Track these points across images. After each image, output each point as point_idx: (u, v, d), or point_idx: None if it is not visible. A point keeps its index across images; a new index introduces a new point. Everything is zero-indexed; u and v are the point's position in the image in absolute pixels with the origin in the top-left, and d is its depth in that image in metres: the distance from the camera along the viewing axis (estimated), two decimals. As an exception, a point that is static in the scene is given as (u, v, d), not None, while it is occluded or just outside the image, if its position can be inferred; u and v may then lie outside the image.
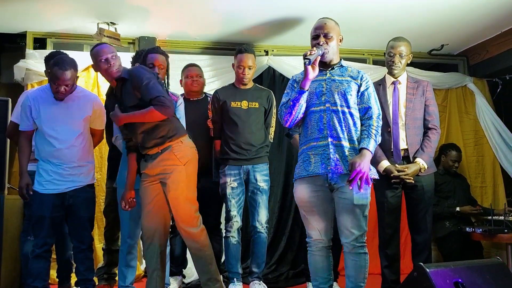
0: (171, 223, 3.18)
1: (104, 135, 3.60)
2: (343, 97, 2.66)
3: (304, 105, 2.69)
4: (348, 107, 2.66)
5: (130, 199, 3.07)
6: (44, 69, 3.68)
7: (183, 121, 3.36)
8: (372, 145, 2.61)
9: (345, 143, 2.63)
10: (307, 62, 2.56)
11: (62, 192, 3.13)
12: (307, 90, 2.66)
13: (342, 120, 2.64)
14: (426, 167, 3.28)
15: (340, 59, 2.81)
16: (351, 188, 2.54)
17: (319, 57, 2.64)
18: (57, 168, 3.13)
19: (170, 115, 2.91)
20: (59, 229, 3.32)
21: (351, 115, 2.66)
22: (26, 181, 3.11)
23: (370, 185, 2.61)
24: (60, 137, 3.13)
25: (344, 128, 2.64)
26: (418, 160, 3.28)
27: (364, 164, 2.53)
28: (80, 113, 3.23)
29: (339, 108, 2.65)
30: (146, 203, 2.99)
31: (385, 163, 3.27)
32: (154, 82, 2.87)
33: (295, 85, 2.75)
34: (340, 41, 2.79)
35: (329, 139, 2.62)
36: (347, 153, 2.61)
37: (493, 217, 4.04)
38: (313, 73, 2.61)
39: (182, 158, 2.92)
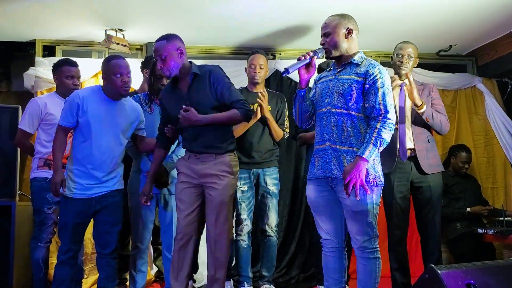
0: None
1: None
2: (342, 98, 2.57)
3: (307, 104, 2.70)
4: (347, 108, 2.56)
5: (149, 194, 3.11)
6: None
7: None
8: (368, 151, 2.45)
9: (341, 147, 2.56)
10: (284, 74, 2.59)
11: (89, 197, 3.04)
12: (305, 88, 2.67)
13: (339, 122, 2.57)
14: (424, 107, 3.25)
15: (357, 52, 2.66)
16: (347, 195, 2.49)
17: (314, 60, 2.62)
18: (91, 173, 3.03)
19: (248, 120, 3.05)
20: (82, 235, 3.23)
21: (351, 116, 2.56)
22: (61, 177, 2.97)
23: (369, 192, 2.49)
24: (102, 144, 3.04)
25: (341, 131, 2.56)
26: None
27: (356, 173, 2.42)
28: (126, 121, 3.14)
29: (338, 110, 2.58)
30: (185, 206, 2.97)
31: None
32: (232, 85, 2.96)
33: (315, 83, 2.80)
34: (349, 33, 2.63)
35: (327, 143, 2.60)
36: (343, 157, 2.54)
37: (505, 218, 4.00)
38: (306, 74, 2.63)
39: (235, 170, 2.97)
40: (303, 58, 2.60)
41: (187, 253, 2.99)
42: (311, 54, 2.62)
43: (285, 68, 2.56)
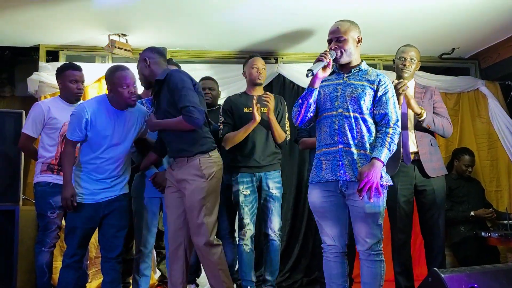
0: None
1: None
2: (356, 102, 2.61)
3: (314, 104, 2.67)
4: (361, 113, 2.61)
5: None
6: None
7: None
8: (384, 154, 2.53)
9: (355, 150, 2.58)
10: (309, 74, 2.55)
11: (97, 202, 3.05)
12: (316, 88, 2.65)
13: (354, 126, 2.60)
14: (424, 115, 3.25)
15: (362, 61, 2.75)
16: (361, 198, 2.51)
17: (331, 61, 2.60)
18: (99, 181, 3.06)
19: (198, 127, 2.89)
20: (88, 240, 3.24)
21: (364, 121, 2.61)
22: (71, 191, 2.98)
23: (382, 195, 2.56)
24: (111, 155, 3.06)
25: (355, 135, 2.59)
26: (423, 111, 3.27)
27: (373, 175, 2.48)
28: (134, 128, 3.16)
29: (351, 114, 2.61)
30: (171, 211, 3.02)
31: None
32: (187, 89, 2.88)
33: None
34: (359, 42, 2.71)
35: (340, 146, 2.60)
36: (356, 160, 2.57)
37: (509, 221, 3.99)
38: (323, 73, 2.61)
39: (207, 172, 2.93)
40: (323, 58, 2.58)
41: (178, 258, 3.00)
42: (331, 54, 2.62)
43: (309, 70, 2.54)
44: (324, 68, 2.59)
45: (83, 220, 3.03)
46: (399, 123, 2.64)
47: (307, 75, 2.56)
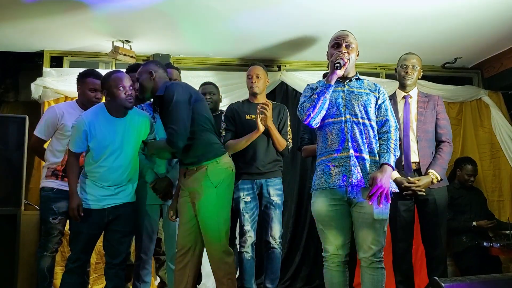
0: None
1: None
2: (364, 109, 2.66)
3: (328, 102, 2.66)
4: (369, 119, 2.66)
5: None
6: (60, 87, 3.71)
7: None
8: (392, 159, 2.60)
9: (366, 156, 2.61)
10: (338, 67, 2.60)
11: (102, 208, 3.04)
12: (333, 85, 2.65)
13: (363, 132, 2.63)
14: (439, 178, 3.26)
15: (356, 73, 2.82)
16: (370, 203, 2.52)
17: (347, 62, 2.65)
18: (104, 187, 3.06)
19: (177, 148, 2.85)
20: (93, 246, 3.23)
21: (372, 127, 2.66)
22: (77, 202, 2.97)
23: (389, 201, 2.58)
24: (115, 164, 3.05)
25: (365, 141, 2.63)
26: (430, 171, 3.26)
27: (385, 180, 2.52)
28: (137, 135, 3.14)
29: (360, 120, 2.64)
30: (181, 215, 3.03)
31: (395, 174, 3.25)
32: (176, 105, 2.85)
33: (313, 90, 2.75)
34: (357, 55, 2.79)
35: (351, 151, 2.60)
36: (368, 166, 2.60)
37: (511, 231, 3.97)
38: (341, 72, 2.64)
39: (215, 179, 2.92)
40: (343, 57, 2.63)
41: (185, 265, 2.99)
42: (346, 56, 2.67)
43: (337, 62, 2.60)
44: (342, 67, 2.63)
45: (88, 226, 3.02)
46: (398, 130, 2.74)
47: (336, 68, 2.60)
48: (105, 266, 3.18)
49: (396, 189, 2.67)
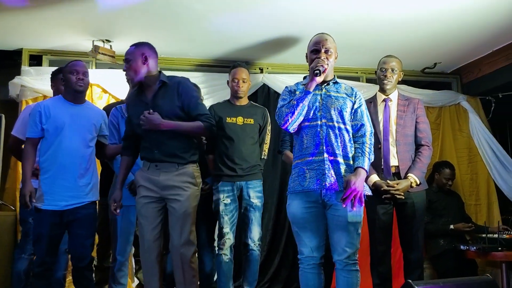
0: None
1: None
2: (340, 113, 2.67)
3: (306, 108, 2.66)
4: (344, 123, 2.68)
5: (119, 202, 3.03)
6: (38, 86, 3.67)
7: None
8: (366, 163, 2.63)
9: (341, 160, 2.63)
10: (318, 73, 2.60)
11: (62, 209, 3.01)
12: (312, 92, 2.66)
13: (338, 136, 2.65)
14: (418, 181, 3.28)
15: (334, 76, 2.82)
16: (344, 206, 2.55)
17: (327, 69, 2.66)
18: (60, 180, 3.01)
19: (212, 135, 3.09)
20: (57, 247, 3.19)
21: (347, 131, 2.69)
22: (29, 188, 2.95)
23: (363, 204, 2.62)
24: (68, 146, 3.04)
25: (340, 145, 2.65)
26: (410, 175, 3.28)
27: (359, 183, 2.56)
28: (90, 123, 3.18)
29: (336, 124, 2.66)
30: (148, 221, 2.93)
31: (374, 177, 3.27)
32: (199, 97, 2.99)
33: (291, 93, 2.75)
34: (336, 58, 2.79)
35: (325, 155, 2.62)
36: (342, 170, 2.62)
37: (488, 235, 4.03)
38: (320, 79, 2.65)
39: (198, 182, 2.97)
40: (323, 64, 2.63)
41: (157, 270, 2.95)
42: (325, 62, 2.67)
43: (316, 69, 2.62)
44: (321, 74, 2.63)
45: (47, 227, 2.99)
46: (373, 134, 2.77)
47: (316, 75, 2.61)
48: (72, 269, 3.17)
49: (369, 192, 2.70)
